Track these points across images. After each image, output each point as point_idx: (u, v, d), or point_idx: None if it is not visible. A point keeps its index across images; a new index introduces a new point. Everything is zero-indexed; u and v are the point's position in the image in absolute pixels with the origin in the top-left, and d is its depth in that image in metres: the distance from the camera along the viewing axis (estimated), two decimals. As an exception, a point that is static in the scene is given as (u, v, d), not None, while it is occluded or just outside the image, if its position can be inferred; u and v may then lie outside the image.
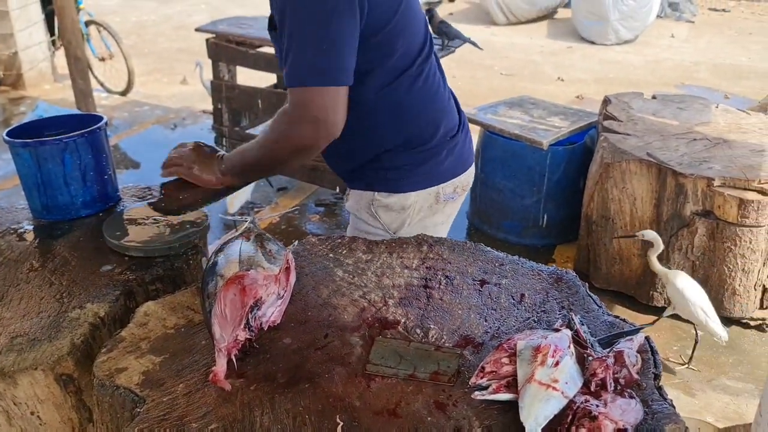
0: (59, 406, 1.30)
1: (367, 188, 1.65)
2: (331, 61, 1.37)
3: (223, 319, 1.15)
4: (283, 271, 1.28)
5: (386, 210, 1.64)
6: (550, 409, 0.99)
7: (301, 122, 1.40)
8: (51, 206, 1.71)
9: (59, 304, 1.40)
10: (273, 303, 1.24)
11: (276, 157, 1.49)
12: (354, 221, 1.73)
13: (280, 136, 1.46)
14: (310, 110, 1.38)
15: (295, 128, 1.41)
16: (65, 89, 5.94)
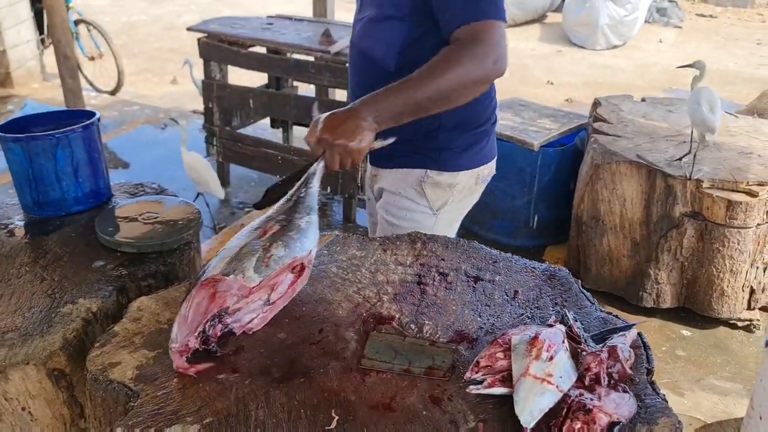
0: (51, 402, 1.29)
1: (419, 166, 1.66)
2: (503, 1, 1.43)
3: (183, 319, 1.14)
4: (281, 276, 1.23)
5: (435, 188, 1.68)
6: (545, 403, 1.00)
7: (486, 55, 1.39)
8: (42, 202, 1.70)
9: (51, 299, 1.39)
10: (254, 309, 1.21)
11: (456, 94, 1.43)
12: (391, 199, 1.72)
13: (463, 69, 1.39)
14: (495, 43, 1.39)
15: (485, 60, 1.39)
16: (54, 88, 5.90)
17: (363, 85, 1.62)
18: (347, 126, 1.37)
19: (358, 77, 1.69)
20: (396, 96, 1.40)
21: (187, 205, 1.74)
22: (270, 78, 4.34)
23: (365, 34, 1.63)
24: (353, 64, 1.73)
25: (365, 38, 1.63)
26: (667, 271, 2.91)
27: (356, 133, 1.37)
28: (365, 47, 1.63)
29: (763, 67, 7.34)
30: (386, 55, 1.58)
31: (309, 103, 3.84)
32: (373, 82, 1.51)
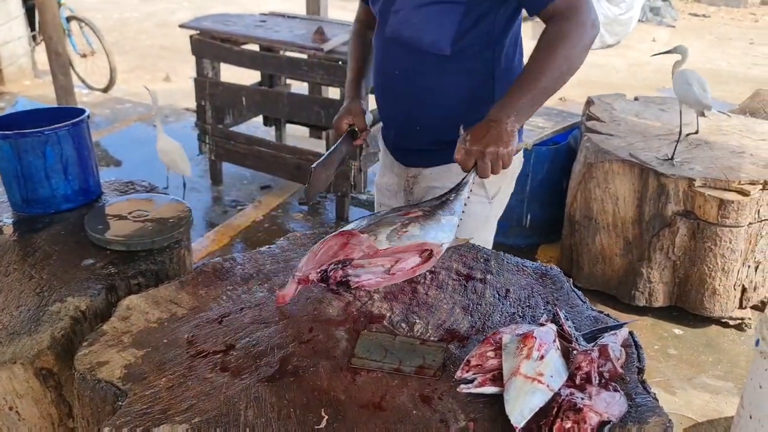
0: (39, 401, 1.28)
1: None
2: None
3: (313, 255, 1.31)
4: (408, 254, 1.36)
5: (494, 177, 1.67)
6: (535, 402, 1.00)
7: (586, 20, 1.47)
8: (31, 199, 1.69)
9: (39, 297, 1.38)
10: (374, 272, 1.35)
11: (573, 66, 1.50)
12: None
13: (572, 41, 1.46)
14: (588, 6, 1.48)
15: (587, 26, 1.47)
16: (45, 85, 5.87)
17: (408, 75, 1.62)
18: (492, 134, 1.42)
19: (402, 66, 1.64)
20: (526, 93, 1.46)
21: (178, 203, 1.73)
22: (263, 76, 4.32)
23: (408, 22, 1.59)
24: (390, 56, 1.67)
25: (409, 27, 1.59)
26: (659, 270, 2.91)
27: (502, 138, 1.42)
28: (410, 36, 1.59)
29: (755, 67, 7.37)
30: (439, 39, 1.56)
31: (302, 100, 3.83)
32: (421, 74, 1.58)
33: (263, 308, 1.29)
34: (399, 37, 1.62)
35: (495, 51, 1.59)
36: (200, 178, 4.37)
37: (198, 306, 1.30)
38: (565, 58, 1.46)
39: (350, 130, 1.71)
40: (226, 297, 1.33)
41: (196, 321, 1.25)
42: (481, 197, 1.71)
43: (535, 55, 1.47)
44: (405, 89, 1.65)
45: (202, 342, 1.19)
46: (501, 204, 1.80)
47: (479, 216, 1.73)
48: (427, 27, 1.57)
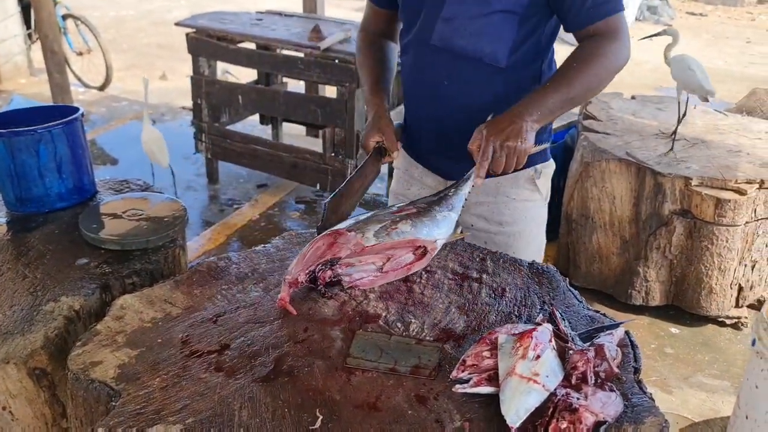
0: (32, 401, 1.27)
1: (527, 165, 1.62)
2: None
3: (302, 257, 1.31)
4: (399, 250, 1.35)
5: (545, 178, 1.72)
6: (531, 402, 0.99)
7: (623, 46, 1.49)
8: (25, 198, 1.68)
9: (33, 297, 1.37)
10: (366, 270, 1.34)
11: (601, 85, 1.52)
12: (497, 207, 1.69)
13: (608, 61, 1.48)
14: (626, 34, 1.50)
15: (623, 50, 1.49)
16: (41, 83, 5.85)
17: (460, 84, 1.58)
18: (514, 128, 1.40)
19: (453, 76, 1.58)
20: (552, 95, 1.45)
21: (173, 202, 1.73)
22: (259, 74, 4.31)
23: (463, 31, 1.53)
24: (437, 65, 1.59)
25: (464, 36, 1.53)
26: (656, 269, 2.91)
27: (522, 134, 1.40)
28: (465, 46, 1.54)
29: (752, 66, 7.38)
30: (497, 50, 1.53)
31: (298, 99, 3.82)
32: (474, 84, 1.55)
33: (258, 308, 1.29)
34: (450, 46, 1.55)
35: (543, 62, 1.59)
36: (197, 177, 4.36)
37: (193, 305, 1.29)
38: (596, 76, 1.47)
39: (378, 147, 1.60)
40: (221, 296, 1.32)
41: (190, 320, 1.25)
42: (539, 201, 1.71)
43: (570, 64, 1.47)
44: (454, 99, 1.59)
45: (197, 342, 1.19)
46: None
47: (539, 219, 1.74)
48: (485, 37, 1.52)
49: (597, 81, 1.49)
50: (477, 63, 1.55)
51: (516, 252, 1.64)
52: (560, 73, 1.48)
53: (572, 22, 1.50)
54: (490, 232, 1.70)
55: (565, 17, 1.51)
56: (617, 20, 1.48)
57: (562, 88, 1.45)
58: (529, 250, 1.72)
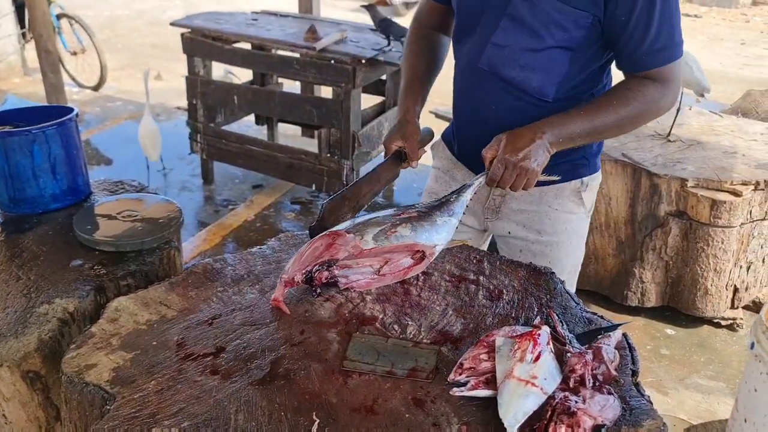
0: (25, 404, 1.26)
1: (573, 177, 1.63)
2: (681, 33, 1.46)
3: (299, 256, 1.30)
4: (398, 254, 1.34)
5: (590, 192, 1.69)
6: (529, 405, 0.99)
7: (671, 93, 1.46)
8: (19, 199, 1.66)
9: (27, 299, 1.36)
10: (363, 273, 1.33)
11: (634, 127, 1.50)
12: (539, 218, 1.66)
13: (649, 104, 1.45)
14: (678, 82, 1.47)
15: (668, 98, 1.46)
16: (35, 83, 5.82)
17: (506, 111, 1.54)
18: (532, 149, 1.38)
19: (500, 103, 1.56)
20: (580, 123, 1.42)
21: (168, 202, 1.71)
22: (254, 74, 4.30)
23: (514, 62, 1.49)
24: (484, 89, 1.56)
25: (514, 67, 1.49)
26: (651, 270, 2.91)
27: (539, 157, 1.38)
28: (515, 77, 1.50)
29: (747, 67, 7.40)
30: (545, 85, 1.50)
31: (294, 99, 3.82)
32: (521, 113, 1.50)
33: (254, 310, 1.28)
34: (499, 73, 1.52)
35: (594, 94, 1.56)
36: (192, 177, 4.35)
37: (188, 308, 1.28)
38: (631, 118, 1.45)
39: (398, 152, 1.56)
40: (217, 298, 1.31)
41: (186, 323, 1.24)
42: (582, 214, 1.68)
43: (609, 99, 1.45)
44: (499, 123, 1.52)
45: (192, 344, 1.18)
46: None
47: (581, 233, 1.71)
48: (535, 72, 1.49)
49: (630, 122, 1.46)
50: (524, 94, 1.52)
51: (552, 262, 1.62)
52: (596, 104, 1.45)
53: (626, 63, 1.47)
54: (527, 240, 1.67)
55: (619, 57, 1.47)
56: (672, 69, 1.44)
57: (593, 120, 1.43)
58: (566, 262, 1.69)
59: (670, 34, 1.40)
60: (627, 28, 1.39)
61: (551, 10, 1.40)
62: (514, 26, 1.46)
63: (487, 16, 1.50)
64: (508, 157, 1.37)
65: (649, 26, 1.38)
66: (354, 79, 3.40)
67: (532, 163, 1.37)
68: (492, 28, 1.49)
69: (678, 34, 1.42)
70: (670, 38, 1.41)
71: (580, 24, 1.41)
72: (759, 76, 6.99)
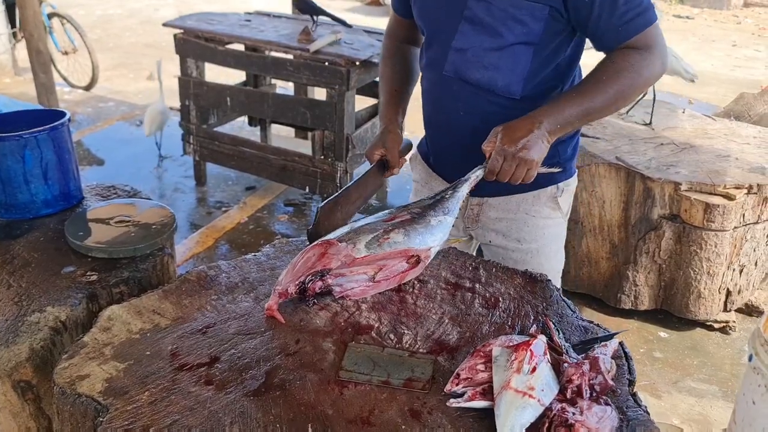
0: (16, 415, 1.25)
1: (549, 183, 1.63)
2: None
3: (291, 267, 1.30)
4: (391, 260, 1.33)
5: (567, 195, 1.68)
6: (526, 417, 0.98)
7: (657, 58, 1.43)
8: (10, 204, 1.65)
9: (18, 307, 1.34)
10: (357, 280, 1.32)
11: (630, 99, 1.48)
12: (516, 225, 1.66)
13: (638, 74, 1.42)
14: (662, 45, 1.44)
15: (655, 62, 1.42)
16: (26, 83, 5.78)
17: (476, 115, 1.54)
18: (531, 138, 1.36)
19: (468, 107, 1.56)
20: (574, 106, 1.41)
21: (161, 208, 1.70)
22: (248, 75, 4.28)
23: (477, 64, 1.49)
24: (451, 95, 1.57)
25: (479, 69, 1.49)
26: (645, 273, 2.92)
27: (539, 147, 1.37)
28: (480, 78, 1.50)
29: (738, 69, 7.43)
30: (511, 83, 1.50)
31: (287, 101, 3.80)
32: (491, 116, 1.49)
33: (248, 319, 1.27)
34: (464, 77, 1.52)
35: (563, 87, 1.55)
36: (184, 179, 4.32)
37: (182, 316, 1.27)
38: (622, 91, 1.43)
39: (382, 161, 1.59)
40: (211, 307, 1.30)
41: (179, 332, 1.23)
42: (558, 218, 1.68)
43: (597, 77, 1.43)
44: (470, 129, 1.54)
45: (186, 354, 1.17)
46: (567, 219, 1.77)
47: (560, 237, 1.71)
48: (499, 71, 1.48)
49: (622, 96, 1.44)
50: (491, 95, 1.52)
51: (533, 269, 1.61)
52: (585, 84, 1.44)
53: (603, 42, 1.45)
54: (507, 249, 1.68)
55: (595, 39, 1.46)
56: (650, 33, 1.42)
57: (585, 101, 1.41)
58: (547, 267, 1.69)
59: (638, 1, 1.39)
60: (593, 7, 1.38)
61: (507, 6, 1.41)
62: (472, 28, 1.47)
63: (446, 23, 1.51)
64: (507, 148, 1.36)
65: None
66: (348, 81, 3.39)
67: (531, 153, 1.36)
68: (451, 33, 1.50)
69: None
70: (638, 4, 1.39)
71: (538, 16, 1.41)
72: (750, 77, 7.02)
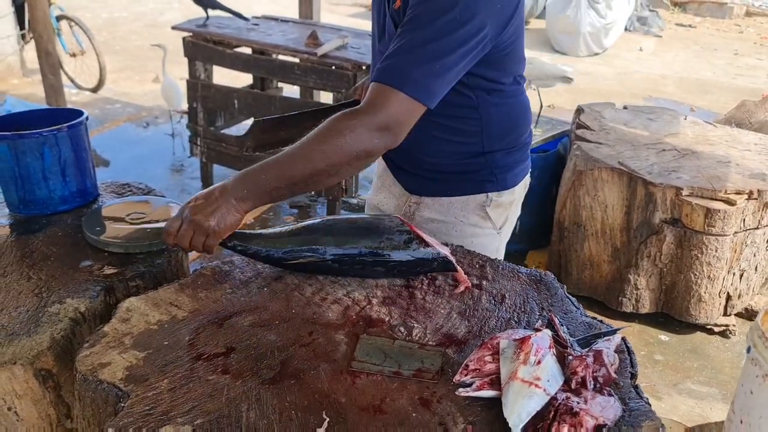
0: (37, 402, 1.28)
1: (478, 191, 1.64)
2: (434, 84, 1.31)
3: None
4: None
5: (497, 208, 1.67)
6: (532, 406, 1.02)
7: (378, 127, 1.30)
8: (29, 201, 1.69)
9: (38, 299, 1.38)
10: None
11: (329, 169, 1.31)
12: (446, 229, 1.68)
13: (349, 141, 1.29)
14: (392, 115, 1.30)
15: (375, 134, 1.31)
16: (34, 84, 5.84)
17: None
18: (211, 205, 1.31)
19: None
20: (268, 172, 1.32)
21: (175, 206, 1.74)
22: (255, 79, 4.33)
23: None
24: None
25: None
26: (646, 277, 2.96)
27: (219, 213, 1.31)
28: None
29: (739, 77, 7.48)
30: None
31: (294, 104, 3.85)
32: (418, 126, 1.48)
33: (263, 311, 1.31)
34: None
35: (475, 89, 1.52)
36: (191, 180, 4.36)
37: (198, 308, 1.31)
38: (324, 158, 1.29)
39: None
40: (226, 300, 1.34)
41: (196, 323, 1.26)
42: (489, 229, 1.70)
43: (307, 138, 1.32)
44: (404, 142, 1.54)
45: (203, 344, 1.21)
46: (508, 231, 1.78)
47: (490, 249, 1.71)
48: None
49: (322, 158, 1.29)
50: None
51: None
52: (291, 148, 1.33)
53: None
54: None
55: None
56: (386, 95, 1.29)
57: (283, 165, 1.31)
58: None
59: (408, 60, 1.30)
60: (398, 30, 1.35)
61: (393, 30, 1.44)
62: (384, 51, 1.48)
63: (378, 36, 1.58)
64: (186, 212, 1.32)
65: (402, 36, 1.32)
66: (354, 85, 3.43)
67: (208, 220, 1.30)
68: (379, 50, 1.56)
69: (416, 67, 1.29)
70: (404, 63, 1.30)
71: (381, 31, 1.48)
72: (752, 86, 7.07)
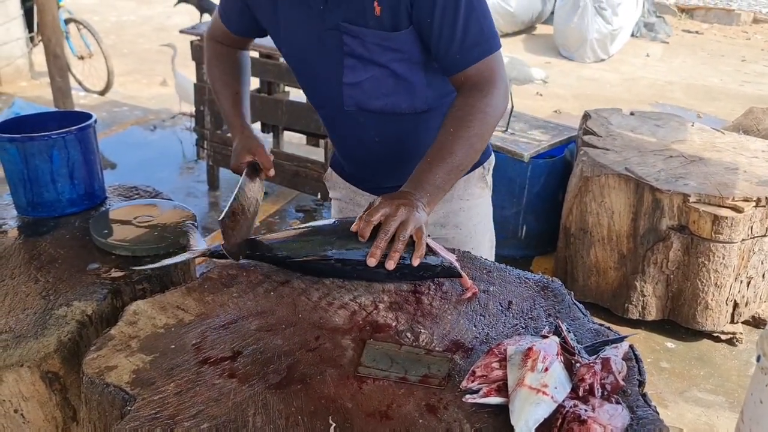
0: (44, 404, 1.28)
1: (479, 164, 1.70)
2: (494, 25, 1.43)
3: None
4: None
5: (491, 170, 1.74)
6: (540, 413, 1.01)
7: (498, 93, 1.40)
8: (37, 203, 1.69)
9: (45, 301, 1.39)
10: None
11: (485, 140, 1.43)
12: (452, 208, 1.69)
13: (489, 113, 1.40)
14: (501, 77, 1.41)
15: (497, 99, 1.41)
16: (42, 87, 5.87)
17: (391, 136, 1.59)
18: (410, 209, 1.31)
19: (381, 133, 1.59)
20: (438, 170, 1.37)
21: (182, 209, 1.75)
22: (262, 83, 4.34)
23: (374, 93, 1.51)
24: (360, 126, 1.59)
25: (377, 97, 1.52)
26: (652, 284, 2.95)
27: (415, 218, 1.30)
28: (384, 105, 1.53)
29: (747, 84, 7.46)
30: (414, 102, 1.53)
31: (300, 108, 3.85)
32: (406, 129, 1.56)
33: (269, 316, 1.31)
34: (367, 108, 1.54)
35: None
36: (197, 184, 4.38)
37: (205, 312, 1.31)
38: (477, 136, 1.39)
39: (252, 165, 1.62)
40: (233, 304, 1.34)
41: (203, 327, 1.26)
42: (486, 196, 1.74)
43: (447, 131, 1.40)
44: (388, 148, 1.60)
45: (210, 348, 1.21)
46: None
47: (489, 210, 1.77)
48: (400, 94, 1.52)
49: (479, 140, 1.41)
50: (398, 116, 1.55)
51: (474, 248, 1.67)
52: (440, 143, 1.40)
53: (445, 66, 1.45)
54: (446, 238, 1.71)
55: (438, 61, 1.46)
56: (489, 64, 1.40)
57: (446, 160, 1.37)
58: (483, 246, 1.76)
59: (479, 29, 1.39)
60: (433, 28, 1.38)
61: (377, 39, 1.43)
62: (358, 62, 1.47)
63: (326, 57, 1.49)
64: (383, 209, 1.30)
65: (454, 24, 1.37)
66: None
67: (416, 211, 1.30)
68: (338, 68, 1.49)
69: (488, 27, 1.40)
70: (480, 33, 1.39)
71: (407, 40, 1.43)
72: (759, 92, 7.04)
